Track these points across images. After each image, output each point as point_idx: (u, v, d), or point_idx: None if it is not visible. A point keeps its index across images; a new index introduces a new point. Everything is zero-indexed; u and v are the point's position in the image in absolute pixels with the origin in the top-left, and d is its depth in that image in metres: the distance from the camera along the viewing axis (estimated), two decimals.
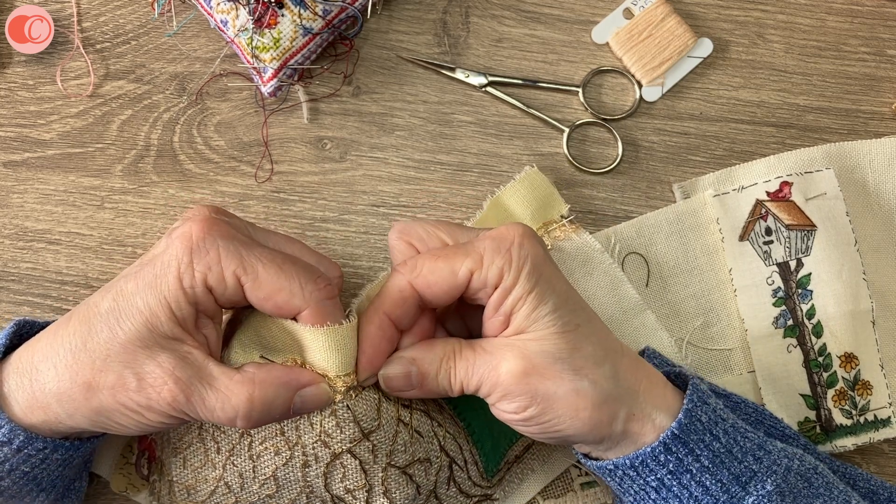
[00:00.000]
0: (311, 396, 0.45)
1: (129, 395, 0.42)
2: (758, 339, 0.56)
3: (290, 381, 0.44)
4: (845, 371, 0.54)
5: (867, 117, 0.61)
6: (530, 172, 0.57)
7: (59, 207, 0.57)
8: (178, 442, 0.49)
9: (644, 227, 0.58)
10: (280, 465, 0.46)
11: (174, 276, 0.43)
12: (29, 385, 0.44)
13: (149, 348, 0.42)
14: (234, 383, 0.43)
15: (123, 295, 0.43)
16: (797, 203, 0.57)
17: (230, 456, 0.47)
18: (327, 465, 0.46)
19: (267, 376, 0.44)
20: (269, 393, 0.43)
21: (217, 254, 0.43)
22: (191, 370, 0.43)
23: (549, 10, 0.61)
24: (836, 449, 0.54)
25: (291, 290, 0.43)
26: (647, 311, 0.56)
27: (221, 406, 0.43)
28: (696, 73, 0.61)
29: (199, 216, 0.44)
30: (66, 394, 0.43)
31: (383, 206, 0.58)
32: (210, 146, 0.58)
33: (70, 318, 0.44)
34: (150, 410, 0.43)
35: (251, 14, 0.55)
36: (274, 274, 0.43)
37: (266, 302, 0.44)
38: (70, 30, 0.59)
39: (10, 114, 0.58)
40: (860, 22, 0.62)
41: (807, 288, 0.56)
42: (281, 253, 0.45)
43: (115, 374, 0.42)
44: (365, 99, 0.60)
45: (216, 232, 0.43)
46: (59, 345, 0.44)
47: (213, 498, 0.48)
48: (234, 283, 0.43)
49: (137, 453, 0.52)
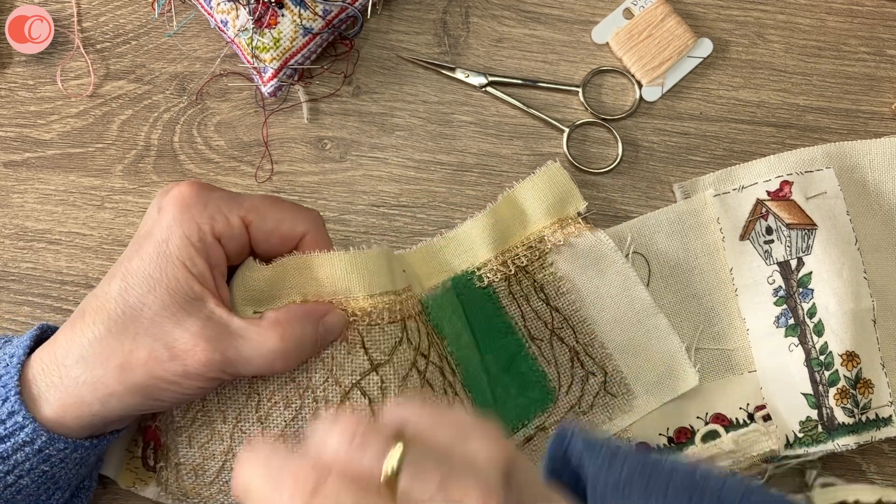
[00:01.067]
0: (332, 323, 0.46)
1: (163, 367, 0.43)
2: (759, 338, 0.56)
3: (311, 312, 0.46)
4: (847, 370, 0.54)
5: (867, 117, 0.61)
6: (551, 167, 0.56)
7: (59, 207, 0.57)
8: (181, 419, 0.48)
9: (644, 227, 0.58)
10: (289, 419, 0.47)
11: (180, 236, 0.43)
12: (59, 382, 0.44)
13: (174, 315, 0.43)
14: (263, 329, 0.44)
15: (132, 272, 0.44)
16: (797, 202, 0.57)
17: (237, 422, 0.47)
18: (336, 407, 0.46)
19: (289, 314, 0.45)
20: (297, 328, 0.45)
21: (216, 204, 0.45)
22: (218, 328, 0.43)
23: (549, 10, 0.61)
24: (839, 448, 0.54)
25: (294, 217, 0.46)
26: (659, 314, 0.55)
27: (259, 352, 0.44)
28: (696, 73, 0.61)
29: (184, 182, 0.46)
30: (99, 381, 0.43)
31: (383, 206, 0.58)
32: (210, 146, 0.58)
33: (84, 312, 0.45)
34: (187, 377, 0.43)
35: (251, 14, 0.55)
36: (274, 208, 0.46)
37: (272, 235, 0.46)
38: (70, 30, 0.59)
39: (11, 114, 0.58)
40: (860, 22, 0.62)
41: (808, 287, 0.56)
42: (268, 195, 0.48)
43: (146, 349, 0.43)
44: (365, 99, 0.60)
45: (206, 188, 0.45)
46: (80, 337, 0.44)
47: (221, 476, 0.48)
48: (240, 225, 0.45)
49: (143, 445, 0.52)
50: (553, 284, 0.55)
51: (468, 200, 0.59)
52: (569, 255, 0.55)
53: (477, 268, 0.55)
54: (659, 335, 0.55)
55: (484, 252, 0.55)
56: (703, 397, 0.56)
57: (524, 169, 0.59)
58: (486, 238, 0.55)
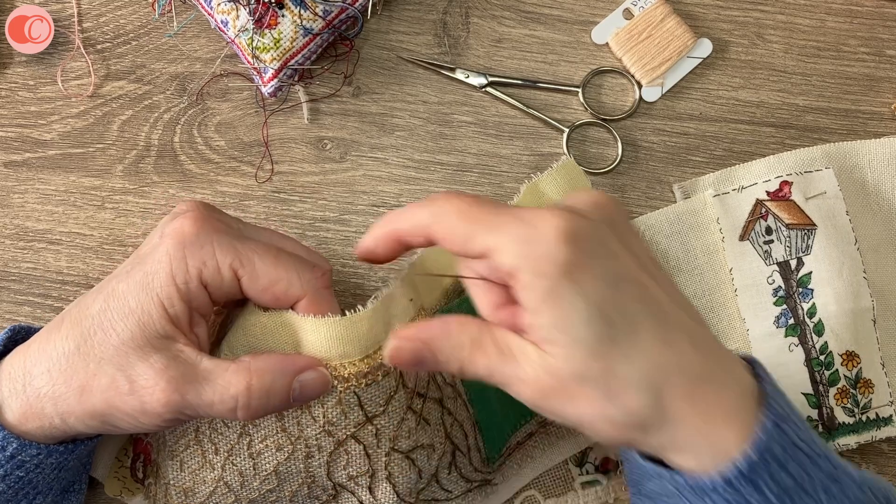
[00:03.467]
0: (310, 381, 0.44)
1: (122, 399, 0.42)
2: (759, 338, 0.56)
3: (287, 366, 0.43)
4: (847, 369, 0.54)
5: (867, 117, 0.61)
6: (567, 162, 0.54)
7: (59, 207, 0.57)
8: (174, 445, 0.48)
9: (644, 227, 0.58)
10: (282, 459, 0.46)
11: (166, 274, 0.42)
12: (23, 391, 0.43)
13: (141, 349, 0.42)
14: (231, 374, 0.42)
15: (115, 296, 0.43)
16: (797, 202, 0.57)
17: (229, 456, 0.47)
18: (331, 453, 0.46)
19: (263, 363, 0.43)
20: (267, 379, 0.42)
21: (212, 248, 0.43)
22: (183, 367, 0.42)
23: (549, 10, 0.61)
24: (839, 447, 0.54)
25: (289, 280, 0.43)
26: None
27: (220, 398, 0.42)
28: (696, 73, 0.61)
29: (191, 213, 0.44)
30: (60, 398, 0.42)
31: (383, 206, 0.58)
32: (210, 146, 0.58)
33: (62, 321, 0.44)
34: (145, 414, 0.42)
35: (251, 14, 0.55)
36: (271, 265, 0.43)
37: (264, 293, 0.43)
38: (70, 30, 0.59)
39: (11, 114, 0.58)
40: (860, 22, 0.62)
41: (807, 287, 0.56)
42: (274, 245, 0.45)
43: (108, 376, 0.42)
44: (365, 99, 0.60)
45: (209, 227, 0.43)
46: (52, 349, 0.43)
47: (211, 499, 0.47)
48: (231, 277, 0.43)
49: (133, 456, 0.52)
50: None
51: None
52: None
53: None
54: None
55: None
56: None
57: (524, 169, 0.59)
58: None
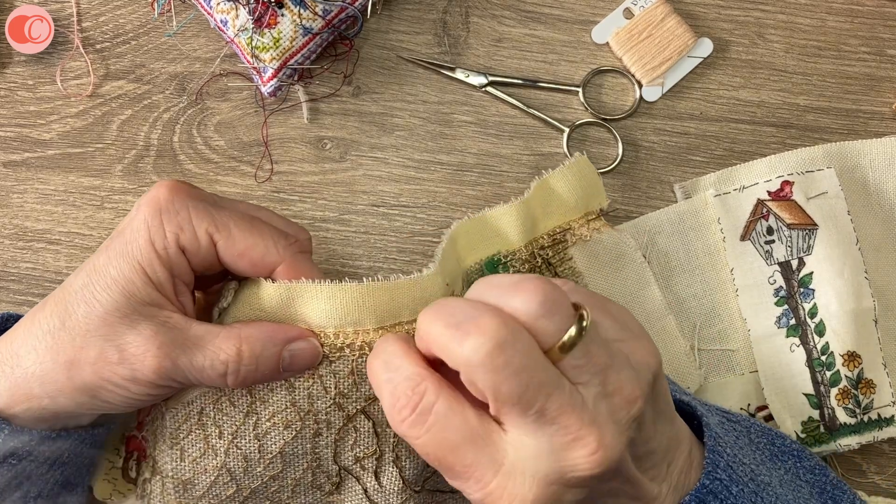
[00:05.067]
0: (300, 351, 0.44)
1: (112, 369, 0.42)
2: (760, 338, 0.56)
3: (278, 334, 0.44)
4: (848, 370, 0.54)
5: (867, 117, 0.61)
6: (580, 159, 0.54)
7: (58, 207, 0.57)
8: (175, 431, 0.47)
9: (645, 228, 0.57)
10: (289, 439, 0.46)
11: (145, 240, 0.42)
12: (10, 372, 0.43)
13: (128, 317, 0.42)
14: (221, 339, 0.42)
15: (96, 269, 0.43)
16: (798, 202, 0.56)
17: (234, 439, 0.46)
18: (339, 430, 0.46)
19: (254, 330, 0.43)
20: (257, 347, 0.43)
21: (187, 213, 0.43)
22: (173, 333, 0.42)
23: (549, 10, 0.61)
24: (841, 448, 0.54)
25: (266, 245, 0.44)
26: (668, 316, 0.55)
27: (211, 363, 0.42)
28: (696, 73, 0.61)
29: (166, 182, 0.44)
30: (48, 375, 0.42)
31: (383, 206, 0.58)
32: (210, 146, 0.58)
33: (46, 302, 0.44)
34: (136, 382, 0.42)
35: (251, 14, 0.55)
36: (246, 230, 0.43)
37: (241, 259, 0.44)
38: (70, 30, 0.59)
39: (10, 114, 0.58)
40: (860, 22, 0.62)
41: (809, 287, 0.55)
42: (249, 213, 0.45)
43: (97, 348, 0.42)
44: (365, 99, 0.59)
45: (184, 193, 0.44)
46: (37, 328, 0.43)
47: (211, 490, 0.47)
48: (207, 242, 0.43)
49: (126, 456, 0.50)
50: (571, 279, 0.55)
51: (468, 200, 0.58)
52: (588, 250, 0.54)
53: (505, 256, 0.54)
54: (667, 336, 0.55)
55: (517, 239, 0.53)
56: (705, 397, 0.56)
57: (524, 169, 0.59)
58: (520, 225, 0.53)
